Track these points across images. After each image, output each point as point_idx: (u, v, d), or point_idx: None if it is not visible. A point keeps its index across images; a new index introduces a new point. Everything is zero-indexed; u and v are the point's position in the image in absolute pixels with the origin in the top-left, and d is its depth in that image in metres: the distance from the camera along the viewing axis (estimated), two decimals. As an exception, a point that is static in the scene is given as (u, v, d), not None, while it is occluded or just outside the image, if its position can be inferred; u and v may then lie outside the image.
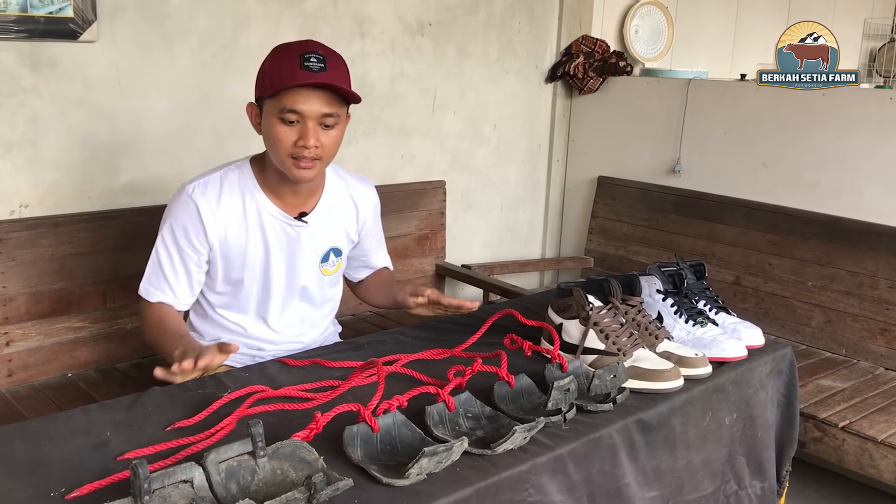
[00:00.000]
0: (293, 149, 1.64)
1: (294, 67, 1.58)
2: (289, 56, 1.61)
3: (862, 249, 2.85)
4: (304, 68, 1.58)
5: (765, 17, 5.08)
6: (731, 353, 1.75)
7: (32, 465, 1.21)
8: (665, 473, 1.60)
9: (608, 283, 1.73)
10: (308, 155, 1.64)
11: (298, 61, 1.58)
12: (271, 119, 1.64)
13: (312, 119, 1.62)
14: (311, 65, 1.58)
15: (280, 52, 1.66)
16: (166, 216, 1.76)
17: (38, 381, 2.28)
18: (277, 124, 1.63)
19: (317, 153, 1.65)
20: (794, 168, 3.09)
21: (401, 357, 1.63)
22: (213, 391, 1.49)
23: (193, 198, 1.72)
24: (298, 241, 1.81)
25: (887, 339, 2.77)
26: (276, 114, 1.62)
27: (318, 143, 1.64)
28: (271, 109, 1.64)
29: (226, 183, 1.75)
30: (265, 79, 1.65)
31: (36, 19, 2.20)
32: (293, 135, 1.63)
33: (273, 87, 1.61)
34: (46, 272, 2.25)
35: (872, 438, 2.26)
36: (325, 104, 1.62)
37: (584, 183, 3.85)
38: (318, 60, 1.59)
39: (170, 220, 1.74)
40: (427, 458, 1.15)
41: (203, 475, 1.10)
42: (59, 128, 2.33)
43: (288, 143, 1.64)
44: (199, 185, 1.74)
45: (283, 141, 1.64)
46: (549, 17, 3.70)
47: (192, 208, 1.72)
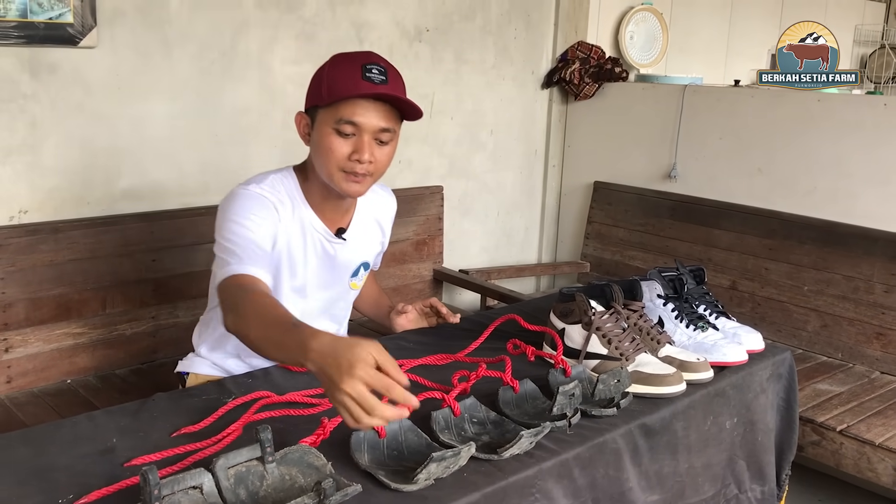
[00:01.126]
0: (346, 162, 1.57)
1: (356, 77, 1.51)
2: (350, 65, 1.54)
3: (857, 254, 2.87)
4: (365, 79, 1.51)
5: (757, 23, 5.12)
6: (732, 357, 1.76)
7: (39, 472, 1.20)
8: (667, 477, 1.60)
9: (610, 287, 1.74)
10: (360, 170, 1.57)
11: (360, 71, 1.51)
12: (325, 129, 1.56)
13: (369, 133, 1.56)
14: (372, 76, 1.52)
15: (341, 61, 1.58)
16: (234, 209, 1.58)
17: (37, 388, 2.27)
18: (332, 135, 1.56)
19: (369, 168, 1.58)
20: (790, 173, 3.11)
21: (404, 362, 1.63)
22: (217, 397, 1.49)
23: (265, 193, 1.61)
24: (336, 258, 1.76)
25: (883, 343, 2.79)
26: (331, 124, 1.55)
27: (372, 158, 1.57)
28: (326, 119, 1.56)
29: (278, 190, 1.65)
30: (322, 87, 1.57)
31: (36, 25, 2.20)
32: (347, 147, 1.56)
33: (331, 96, 1.54)
34: (46, 278, 2.25)
35: (870, 442, 2.28)
36: (384, 118, 1.56)
37: (580, 188, 3.87)
38: (380, 72, 1.53)
39: (244, 211, 1.57)
40: (435, 463, 1.16)
41: (212, 481, 1.10)
42: (58, 133, 2.33)
43: (341, 156, 1.56)
44: (265, 186, 1.63)
45: (336, 153, 1.56)
46: (545, 24, 3.72)
47: (269, 203, 1.60)
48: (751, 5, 5.00)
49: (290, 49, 2.80)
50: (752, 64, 5.03)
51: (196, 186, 2.62)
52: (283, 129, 2.83)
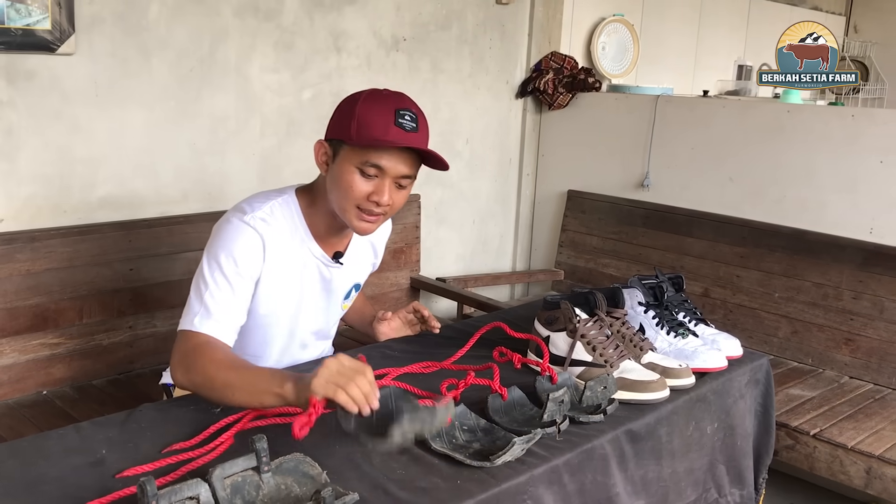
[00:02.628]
0: (364, 201, 1.57)
1: (388, 123, 1.51)
2: (383, 108, 1.53)
3: (826, 262, 2.94)
4: (397, 125, 1.51)
5: (724, 35, 5.23)
6: (713, 363, 1.80)
7: (29, 485, 1.19)
8: (652, 482, 1.63)
9: (593, 295, 1.77)
10: (378, 211, 1.59)
11: (393, 117, 1.52)
12: (348, 167, 1.56)
13: (391, 177, 1.56)
14: (404, 122, 1.52)
15: (373, 102, 1.56)
16: (223, 244, 1.57)
17: (12, 399, 2.23)
18: (355, 174, 1.56)
19: (385, 210, 1.60)
20: (761, 182, 3.17)
21: (390, 371, 1.64)
22: (205, 406, 1.49)
23: (258, 229, 1.59)
24: (331, 282, 1.76)
25: (851, 349, 2.86)
26: (356, 163, 1.55)
27: (390, 201, 1.58)
28: (351, 158, 1.56)
29: (277, 217, 1.64)
30: (352, 124, 1.54)
31: (13, 31, 2.17)
32: (368, 188, 1.56)
33: (360, 138, 1.53)
34: (22, 288, 2.22)
35: (843, 445, 2.33)
36: (408, 166, 1.58)
37: (554, 197, 3.91)
38: (412, 119, 1.53)
39: (230, 250, 1.56)
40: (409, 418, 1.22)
41: (209, 491, 1.10)
42: (35, 141, 2.30)
43: (361, 195, 1.57)
44: (258, 217, 1.60)
45: (356, 191, 1.56)
46: (519, 34, 3.75)
47: (258, 241, 1.59)
48: (718, 19, 5.10)
49: (269, 57, 2.79)
50: (719, 75, 5.13)
51: (174, 195, 2.60)
52: (262, 138, 2.83)
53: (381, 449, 1.21)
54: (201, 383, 1.46)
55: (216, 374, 1.44)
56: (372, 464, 1.29)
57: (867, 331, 2.83)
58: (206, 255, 1.59)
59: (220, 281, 1.55)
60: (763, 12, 5.50)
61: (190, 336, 1.52)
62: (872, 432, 2.41)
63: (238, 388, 1.40)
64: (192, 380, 1.47)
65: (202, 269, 1.58)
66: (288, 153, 2.90)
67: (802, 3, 5.95)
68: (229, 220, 1.61)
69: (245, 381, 1.41)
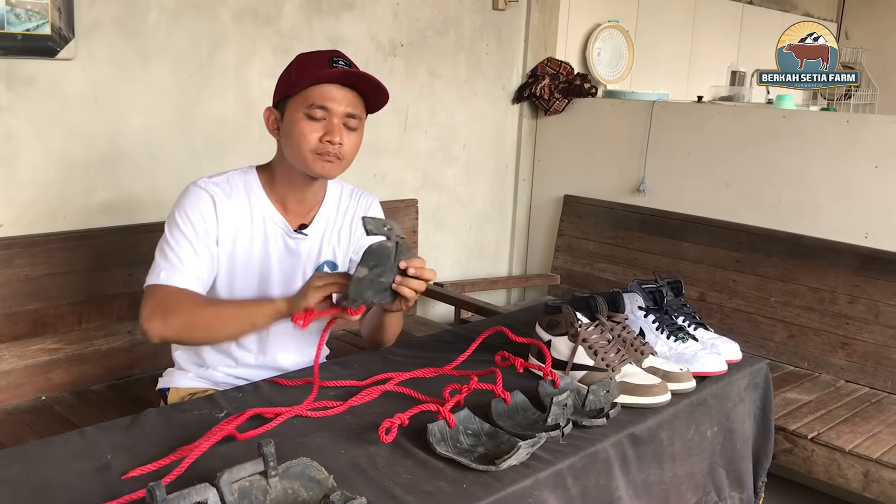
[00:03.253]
0: (318, 144, 1.65)
1: (324, 66, 1.63)
2: (318, 57, 1.66)
3: (822, 266, 2.96)
4: (332, 67, 1.63)
5: (717, 41, 5.25)
6: (713, 367, 1.80)
7: (35, 490, 1.19)
8: (653, 486, 1.64)
9: (594, 300, 1.77)
10: (332, 150, 1.65)
11: (327, 62, 1.64)
12: (296, 115, 1.65)
13: (338, 116, 1.65)
14: (339, 65, 1.64)
15: (308, 55, 1.70)
16: (177, 207, 1.70)
17: (10, 405, 2.23)
18: (303, 120, 1.64)
19: (340, 151, 1.66)
20: (756, 188, 3.19)
21: (393, 376, 1.65)
22: (209, 411, 1.49)
23: (207, 189, 1.70)
24: (298, 253, 1.80)
25: (847, 353, 2.88)
26: (302, 109, 1.64)
27: (342, 141, 1.66)
28: (297, 106, 1.65)
29: (234, 185, 1.74)
30: (291, 77, 1.67)
31: (13, 36, 2.17)
32: (318, 130, 1.65)
33: (301, 83, 1.64)
34: (21, 293, 2.21)
35: (840, 449, 2.35)
36: (351, 104, 1.66)
37: (550, 202, 3.92)
38: (346, 63, 1.65)
39: (183, 208, 1.68)
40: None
41: (217, 496, 1.10)
42: (34, 146, 2.30)
43: (313, 139, 1.65)
44: (210, 182, 1.72)
45: (307, 136, 1.64)
46: (515, 40, 3.77)
47: (207, 198, 1.69)
48: (711, 25, 5.13)
49: (267, 62, 2.80)
50: (712, 80, 5.15)
51: (172, 200, 2.56)
52: (260, 143, 2.82)
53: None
54: (182, 325, 1.58)
55: (199, 311, 1.60)
56: (378, 468, 1.30)
57: (863, 335, 2.85)
58: (166, 224, 1.70)
59: (179, 239, 1.66)
60: (756, 18, 5.53)
61: (159, 288, 1.61)
62: (869, 435, 2.42)
63: (226, 316, 1.60)
64: (171, 324, 1.58)
65: (164, 234, 1.69)
66: (286, 158, 2.90)
67: (794, 10, 5.99)
68: (187, 187, 1.74)
69: (232, 309, 1.61)
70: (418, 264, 1.56)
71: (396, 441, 1.37)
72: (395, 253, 1.52)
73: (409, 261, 1.55)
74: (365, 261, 1.50)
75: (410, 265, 1.55)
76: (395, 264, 1.53)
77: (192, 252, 1.65)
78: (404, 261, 1.55)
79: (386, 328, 1.84)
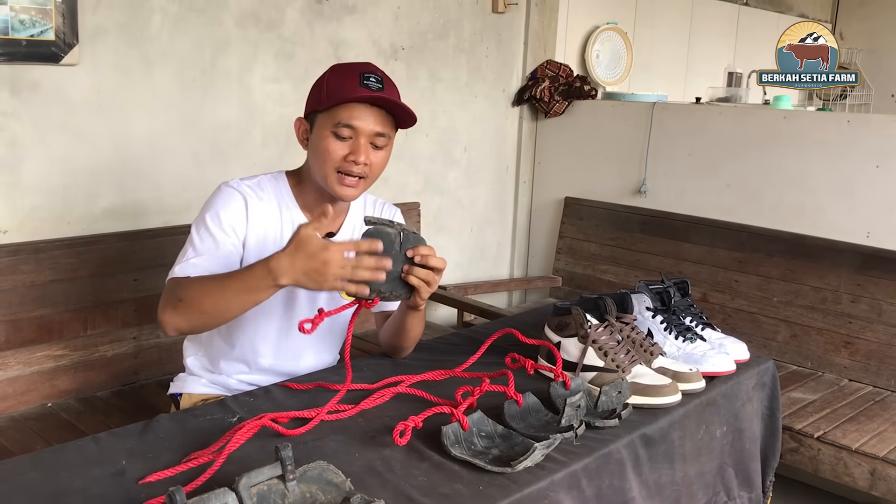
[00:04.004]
0: (342, 163, 1.62)
1: (354, 84, 1.60)
2: (349, 73, 1.62)
3: (825, 266, 2.97)
4: (363, 86, 1.59)
5: (714, 43, 5.27)
6: (722, 367, 1.81)
7: (53, 496, 1.19)
8: (665, 486, 1.64)
9: (603, 301, 1.78)
10: (356, 171, 1.63)
11: (358, 79, 1.60)
12: (323, 132, 1.63)
13: (365, 136, 1.62)
14: (370, 83, 1.60)
15: (340, 69, 1.67)
16: (208, 205, 1.67)
17: (17, 412, 2.22)
18: (329, 138, 1.62)
19: (364, 171, 1.64)
20: (758, 188, 3.20)
21: (404, 378, 1.65)
22: (221, 416, 1.49)
23: (240, 189, 1.68)
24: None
25: (850, 352, 2.89)
26: (329, 127, 1.62)
27: (367, 161, 1.63)
28: (325, 123, 1.63)
29: (265, 189, 1.72)
30: (322, 92, 1.64)
31: (18, 42, 2.17)
32: (344, 149, 1.62)
33: (330, 100, 1.61)
34: (27, 299, 2.21)
35: (847, 447, 2.36)
36: (379, 123, 1.63)
37: (551, 204, 3.93)
38: (377, 81, 1.61)
39: (214, 207, 1.65)
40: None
41: (236, 500, 1.10)
42: (39, 152, 2.30)
43: (337, 157, 1.62)
44: (242, 183, 1.70)
45: (332, 154, 1.62)
46: (515, 42, 3.78)
47: (239, 198, 1.67)
48: (708, 26, 5.15)
49: (270, 67, 2.80)
50: (710, 82, 5.16)
51: (177, 205, 2.60)
52: (263, 147, 2.83)
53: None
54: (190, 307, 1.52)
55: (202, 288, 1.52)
56: (393, 471, 1.30)
57: (866, 334, 2.86)
58: (194, 222, 1.68)
59: (204, 235, 1.64)
60: (751, 19, 5.55)
61: (172, 281, 1.60)
62: (875, 434, 2.43)
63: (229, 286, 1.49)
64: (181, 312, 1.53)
65: (191, 232, 1.66)
66: (289, 162, 2.88)
67: (790, 11, 6.01)
68: (219, 186, 1.71)
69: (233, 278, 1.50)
70: (425, 252, 1.53)
71: (410, 444, 1.37)
72: (402, 242, 1.51)
73: (416, 248, 1.53)
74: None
75: (416, 252, 1.52)
76: (401, 253, 1.52)
77: (214, 247, 1.63)
78: (411, 249, 1.53)
79: (407, 331, 1.76)
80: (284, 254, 1.43)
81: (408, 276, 1.52)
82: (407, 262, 1.52)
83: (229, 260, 1.65)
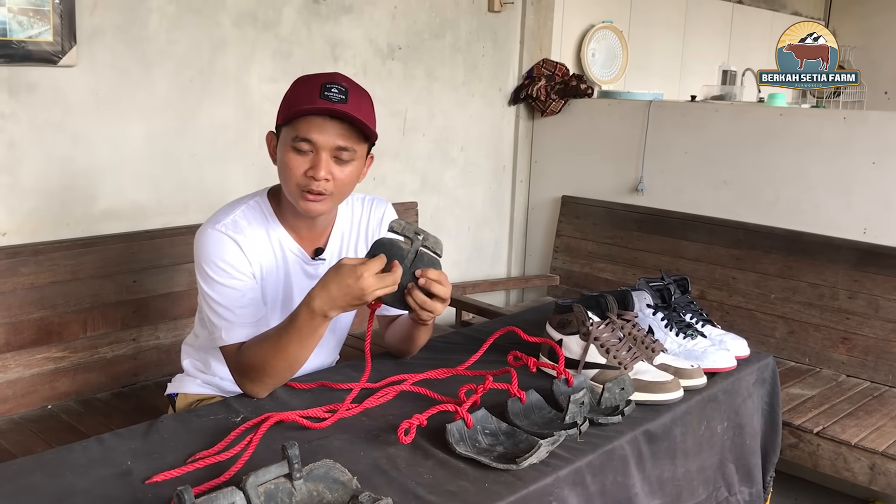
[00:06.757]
0: (303, 179, 1.56)
1: (313, 96, 1.52)
2: (310, 85, 1.55)
3: (822, 262, 2.98)
4: (323, 97, 1.51)
5: (709, 41, 5.28)
6: (723, 364, 1.82)
7: (59, 497, 1.19)
8: (667, 482, 1.65)
9: (604, 298, 1.78)
10: (316, 188, 1.56)
11: (319, 90, 1.52)
12: (285, 147, 1.56)
13: (326, 150, 1.54)
14: (331, 95, 1.51)
15: (302, 81, 1.60)
16: (204, 259, 1.61)
17: (17, 414, 2.21)
18: (290, 152, 1.55)
19: (326, 187, 1.56)
20: (755, 185, 3.21)
21: (407, 377, 1.65)
22: (224, 416, 1.49)
23: (228, 234, 1.61)
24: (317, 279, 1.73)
25: (848, 348, 2.90)
26: (289, 142, 1.55)
27: (328, 176, 1.55)
28: (286, 138, 1.56)
29: (250, 220, 1.66)
30: (284, 105, 1.59)
31: (15, 44, 2.16)
32: (304, 164, 1.55)
33: (290, 113, 1.55)
34: (26, 301, 2.20)
35: (846, 442, 2.37)
36: (341, 137, 1.54)
37: (548, 202, 3.93)
38: (340, 92, 1.52)
39: (211, 259, 1.60)
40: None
41: (244, 499, 1.10)
42: (37, 153, 2.29)
43: (298, 173, 1.55)
44: (228, 224, 1.63)
45: (293, 170, 1.55)
46: (511, 41, 3.78)
47: (231, 243, 1.61)
48: (702, 24, 5.16)
49: (267, 67, 2.80)
50: (704, 80, 5.17)
51: (175, 205, 2.60)
52: (261, 148, 2.78)
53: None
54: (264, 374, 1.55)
55: (264, 355, 1.54)
56: (399, 469, 1.30)
57: (863, 329, 2.87)
58: (198, 274, 1.63)
59: (220, 290, 1.60)
60: (746, 18, 5.57)
61: (229, 351, 1.61)
62: (874, 429, 2.44)
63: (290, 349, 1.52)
64: (262, 382, 1.56)
65: (202, 288, 1.63)
66: (287, 163, 2.90)
67: (783, 9, 6.04)
68: (206, 231, 1.63)
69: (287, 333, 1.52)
70: (432, 276, 1.50)
71: (415, 442, 1.38)
72: (414, 258, 1.50)
73: (424, 270, 1.50)
74: (371, 252, 1.49)
75: (423, 275, 1.50)
76: (410, 270, 1.50)
77: (238, 296, 1.60)
78: (420, 270, 1.50)
79: (414, 339, 1.76)
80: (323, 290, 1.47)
81: (408, 294, 1.51)
82: (413, 280, 1.50)
83: (255, 300, 1.63)
